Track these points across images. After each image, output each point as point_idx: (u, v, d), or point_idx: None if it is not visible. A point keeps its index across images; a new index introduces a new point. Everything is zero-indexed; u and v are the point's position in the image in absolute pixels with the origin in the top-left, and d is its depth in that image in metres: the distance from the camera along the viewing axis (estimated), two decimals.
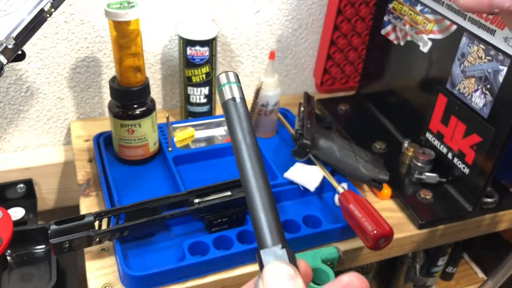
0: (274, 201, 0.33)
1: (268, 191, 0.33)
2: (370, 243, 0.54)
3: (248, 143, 0.35)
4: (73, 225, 0.52)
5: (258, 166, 0.34)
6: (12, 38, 0.50)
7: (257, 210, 0.32)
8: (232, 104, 0.36)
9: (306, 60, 0.92)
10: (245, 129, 0.36)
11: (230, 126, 0.36)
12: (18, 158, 0.78)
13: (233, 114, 0.36)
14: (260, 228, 0.31)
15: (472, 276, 1.01)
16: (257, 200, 0.32)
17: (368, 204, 0.58)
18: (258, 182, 0.33)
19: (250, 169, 0.34)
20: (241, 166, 0.34)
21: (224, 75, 0.38)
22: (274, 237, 0.31)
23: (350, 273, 0.29)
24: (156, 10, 0.76)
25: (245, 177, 0.33)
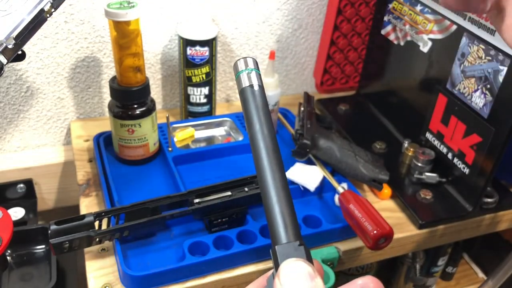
0: (290, 196, 0.31)
1: (285, 185, 0.31)
2: (370, 243, 0.54)
3: (265, 134, 0.33)
4: (73, 225, 0.52)
5: (275, 159, 0.32)
6: (12, 38, 0.50)
7: (272, 203, 0.30)
8: (250, 91, 0.35)
9: (306, 60, 0.92)
10: (262, 119, 0.34)
11: (247, 115, 0.34)
12: (18, 158, 0.78)
13: (250, 103, 0.35)
14: (275, 222, 0.29)
15: (472, 276, 1.01)
16: (272, 194, 0.31)
17: (368, 204, 0.58)
18: (275, 175, 0.31)
19: (266, 162, 0.32)
20: (257, 158, 0.33)
21: (243, 61, 0.36)
22: (290, 232, 0.29)
23: (366, 276, 0.28)
24: (156, 10, 0.76)
25: (261, 170, 0.32)
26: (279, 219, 0.30)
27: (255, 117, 0.34)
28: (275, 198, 0.30)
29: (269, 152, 0.32)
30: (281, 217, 0.30)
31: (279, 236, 0.29)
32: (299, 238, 0.29)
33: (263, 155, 0.32)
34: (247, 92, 0.35)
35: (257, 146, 0.33)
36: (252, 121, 0.34)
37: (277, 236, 0.29)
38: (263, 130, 0.33)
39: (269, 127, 0.34)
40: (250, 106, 0.34)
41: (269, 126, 0.34)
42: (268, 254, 0.56)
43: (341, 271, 0.85)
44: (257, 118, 0.34)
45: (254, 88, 0.35)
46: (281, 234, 0.29)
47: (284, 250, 0.28)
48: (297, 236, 0.29)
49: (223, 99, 0.90)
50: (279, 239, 0.29)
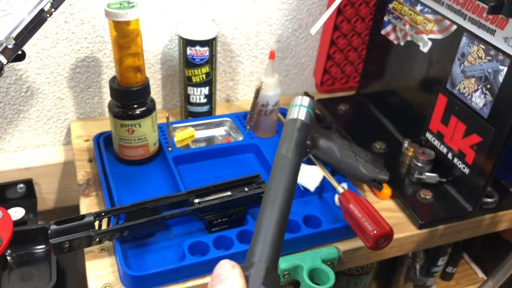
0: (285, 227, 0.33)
1: (286, 218, 0.33)
2: (370, 243, 0.54)
3: (289, 159, 0.36)
4: (73, 225, 0.52)
5: (289, 188, 0.35)
6: (12, 38, 0.50)
7: (262, 224, 0.32)
8: (291, 122, 0.39)
9: (306, 60, 0.92)
10: (291, 147, 0.37)
11: (281, 140, 0.38)
12: (18, 158, 0.78)
13: (287, 130, 0.39)
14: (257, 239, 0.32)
15: (472, 276, 1.01)
16: (269, 217, 0.33)
17: (368, 204, 0.58)
18: (282, 203, 0.34)
19: (280, 184, 0.35)
20: (272, 179, 0.35)
21: (300, 98, 0.41)
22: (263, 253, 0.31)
23: None
24: (156, 10, 0.76)
25: (271, 190, 0.34)
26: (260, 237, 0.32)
27: (286, 142, 0.37)
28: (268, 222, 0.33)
29: (287, 178, 0.35)
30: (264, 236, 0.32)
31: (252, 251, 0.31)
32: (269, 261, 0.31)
33: (280, 179, 0.35)
34: (289, 122, 0.39)
35: (276, 169, 0.36)
36: (281, 145, 0.37)
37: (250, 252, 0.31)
38: (287, 155, 0.36)
39: (294, 156, 0.36)
40: (285, 133, 0.38)
41: (295, 155, 0.37)
42: None
43: (341, 271, 0.85)
44: (287, 144, 0.37)
45: (297, 121, 0.39)
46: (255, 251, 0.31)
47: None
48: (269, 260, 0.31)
49: (223, 99, 0.90)
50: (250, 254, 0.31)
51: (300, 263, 0.54)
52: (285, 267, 0.54)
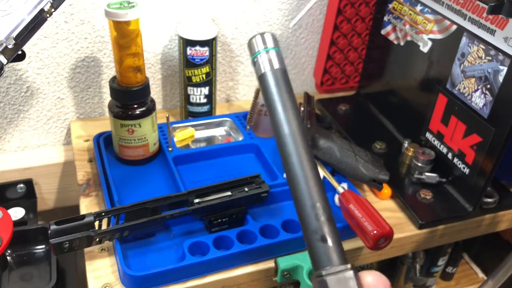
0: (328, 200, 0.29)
1: (323, 191, 0.29)
2: (370, 243, 0.54)
3: (293, 129, 0.30)
4: (73, 225, 0.52)
5: (312, 168, 0.30)
6: (12, 38, 0.50)
7: (308, 212, 0.29)
8: (272, 76, 0.31)
9: (306, 60, 0.92)
10: (291, 117, 0.30)
11: (270, 107, 0.30)
12: (18, 158, 0.78)
13: (271, 88, 0.30)
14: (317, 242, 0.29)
15: (472, 276, 1.01)
16: (309, 205, 0.29)
17: (368, 204, 0.58)
18: (311, 181, 0.29)
19: (303, 173, 0.29)
20: (293, 167, 0.30)
21: (260, 38, 0.32)
22: (338, 254, 0.29)
23: (373, 272, 0.29)
24: (156, 10, 0.76)
25: (297, 178, 0.29)
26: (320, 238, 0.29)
27: (282, 115, 0.30)
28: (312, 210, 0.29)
29: (301, 150, 0.29)
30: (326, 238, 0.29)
31: (324, 258, 0.28)
32: (345, 259, 0.28)
33: (300, 165, 0.29)
34: (267, 77, 0.31)
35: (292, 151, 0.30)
36: (278, 118, 0.30)
37: (322, 258, 0.28)
38: (293, 130, 0.30)
39: (299, 123, 0.30)
40: (272, 94, 0.30)
41: (299, 121, 0.30)
42: (268, 254, 0.56)
43: None
44: (284, 114, 0.30)
45: (276, 72, 0.31)
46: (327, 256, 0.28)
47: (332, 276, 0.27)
48: (344, 257, 0.29)
49: (223, 99, 0.90)
50: (322, 262, 0.28)
51: (300, 263, 0.54)
52: (285, 267, 0.54)
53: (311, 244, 0.29)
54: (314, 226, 0.29)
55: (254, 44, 0.32)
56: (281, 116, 0.30)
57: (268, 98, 0.31)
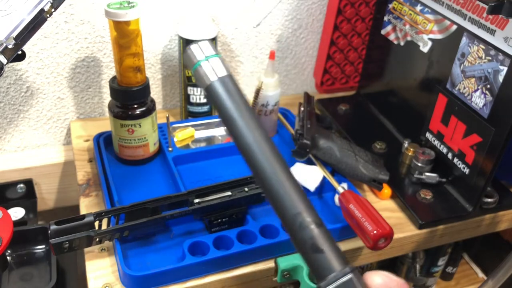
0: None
1: (302, 193, 0.28)
2: (370, 243, 0.54)
3: (259, 139, 0.28)
4: (73, 225, 0.52)
5: (280, 164, 0.28)
6: (12, 38, 0.50)
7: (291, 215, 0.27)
8: (220, 85, 0.28)
9: (306, 60, 0.92)
10: (248, 120, 0.28)
11: (224, 116, 0.28)
12: (18, 158, 0.78)
13: (221, 98, 0.28)
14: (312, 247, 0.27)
15: (472, 276, 1.01)
16: (292, 206, 0.27)
17: (368, 204, 0.58)
18: (289, 189, 0.28)
19: (272, 172, 0.27)
20: (258, 168, 0.28)
21: (197, 47, 0.29)
22: (338, 259, 0.27)
23: (385, 274, 0.27)
24: (156, 10, 0.76)
25: (267, 176, 0.27)
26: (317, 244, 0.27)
27: (241, 124, 0.28)
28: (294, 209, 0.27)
29: (270, 156, 0.28)
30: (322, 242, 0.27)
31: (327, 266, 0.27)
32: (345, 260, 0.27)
33: (266, 164, 0.28)
34: (216, 87, 0.28)
35: (256, 154, 0.28)
36: (238, 127, 0.28)
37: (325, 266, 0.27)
38: (256, 137, 0.28)
39: (260, 128, 0.28)
40: (226, 104, 0.28)
41: (260, 126, 0.28)
42: (268, 254, 0.56)
43: None
44: (243, 122, 0.28)
45: (224, 80, 0.28)
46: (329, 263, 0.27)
47: None
48: (343, 259, 0.27)
49: None
50: (326, 270, 0.26)
51: (300, 263, 0.54)
52: (285, 267, 0.54)
53: (304, 257, 0.28)
54: (301, 237, 0.27)
55: (191, 56, 0.29)
56: (240, 124, 0.28)
57: (221, 109, 0.28)
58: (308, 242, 0.27)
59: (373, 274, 0.28)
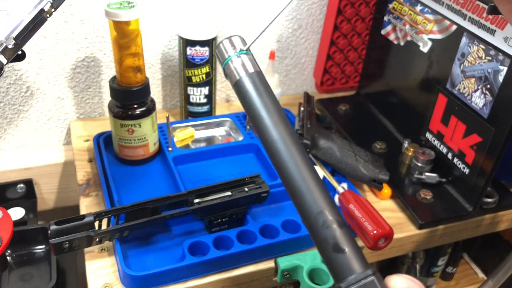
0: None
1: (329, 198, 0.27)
2: (370, 243, 0.54)
3: (287, 139, 0.28)
4: (73, 225, 0.52)
5: (306, 164, 0.27)
6: (12, 38, 0.50)
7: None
8: (250, 81, 0.28)
9: (306, 60, 0.92)
10: (276, 119, 0.27)
11: (253, 113, 0.28)
12: (18, 158, 0.78)
13: (250, 94, 0.28)
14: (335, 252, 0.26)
15: (472, 276, 1.01)
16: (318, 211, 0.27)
17: (368, 204, 0.58)
18: (313, 186, 0.27)
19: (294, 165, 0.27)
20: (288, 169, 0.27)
21: (228, 42, 0.29)
22: (359, 261, 0.26)
23: (408, 278, 0.26)
24: (156, 10, 0.76)
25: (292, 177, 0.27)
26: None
27: (268, 121, 0.27)
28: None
29: (295, 154, 0.27)
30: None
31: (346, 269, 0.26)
32: (367, 264, 0.26)
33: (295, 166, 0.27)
34: (245, 83, 0.28)
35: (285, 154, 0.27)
36: (265, 124, 0.27)
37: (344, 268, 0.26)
38: (282, 134, 0.28)
39: (287, 125, 0.28)
40: (254, 99, 0.28)
41: (287, 123, 0.28)
42: (268, 254, 0.56)
43: None
44: (270, 119, 0.27)
45: (253, 76, 0.28)
46: (349, 265, 0.26)
47: None
48: (365, 262, 0.26)
49: (223, 99, 0.90)
50: (345, 272, 0.26)
51: (300, 263, 0.54)
52: (285, 267, 0.54)
53: (325, 256, 0.27)
54: (324, 236, 0.27)
55: (223, 50, 0.29)
56: (267, 121, 0.28)
57: (248, 105, 0.28)
58: (330, 242, 0.27)
59: (395, 278, 0.27)
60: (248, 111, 0.28)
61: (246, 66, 0.29)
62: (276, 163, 0.28)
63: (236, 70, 0.29)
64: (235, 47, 0.29)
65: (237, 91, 0.29)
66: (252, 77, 0.28)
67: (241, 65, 0.29)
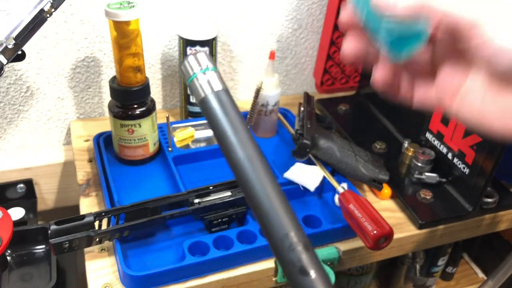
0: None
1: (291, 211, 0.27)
2: (370, 243, 0.54)
3: (253, 158, 0.28)
4: (73, 225, 0.52)
5: (271, 181, 0.27)
6: (12, 38, 0.50)
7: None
8: (215, 99, 0.28)
9: (306, 60, 0.92)
10: (244, 138, 0.28)
11: (219, 132, 0.28)
12: (18, 158, 0.78)
13: (215, 112, 0.28)
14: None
15: (472, 276, 1.01)
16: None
17: (368, 204, 0.58)
18: (279, 207, 0.27)
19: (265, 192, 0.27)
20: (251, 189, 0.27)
21: (194, 59, 0.29)
22: None
23: None
24: (156, 10, 0.76)
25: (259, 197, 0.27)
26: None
27: (234, 139, 0.28)
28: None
29: (262, 175, 0.27)
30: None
31: None
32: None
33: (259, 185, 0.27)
34: (210, 101, 0.28)
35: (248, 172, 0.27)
36: (231, 144, 0.27)
37: None
38: (248, 154, 0.28)
39: (253, 145, 0.28)
40: (219, 118, 0.28)
41: (253, 142, 0.28)
42: (268, 254, 0.56)
43: (341, 271, 0.85)
44: (236, 138, 0.28)
45: (219, 94, 0.28)
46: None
47: None
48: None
49: None
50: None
51: None
52: None
53: (290, 279, 0.27)
54: (290, 258, 0.27)
55: (188, 67, 0.29)
56: (233, 140, 0.28)
57: (214, 123, 0.28)
58: (296, 265, 0.27)
59: None
60: (214, 130, 0.28)
61: (212, 84, 0.28)
62: (241, 183, 0.28)
63: (202, 87, 0.28)
64: (201, 64, 0.29)
65: (203, 109, 0.29)
66: (219, 95, 0.28)
67: (207, 82, 0.28)
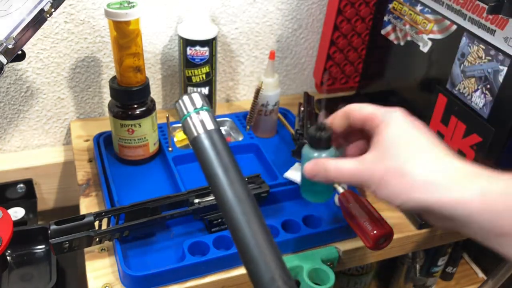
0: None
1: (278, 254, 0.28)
2: (370, 243, 0.54)
3: (243, 198, 0.28)
4: (73, 225, 0.52)
5: (259, 223, 0.28)
6: (12, 38, 0.50)
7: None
8: (207, 139, 0.28)
9: (306, 60, 0.92)
10: (235, 180, 0.28)
11: (210, 173, 0.28)
12: (18, 158, 0.78)
13: (207, 151, 0.28)
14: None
15: (472, 276, 1.01)
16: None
17: (368, 204, 0.58)
18: (266, 250, 0.27)
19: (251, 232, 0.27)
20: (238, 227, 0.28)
21: (188, 99, 0.30)
22: None
23: None
24: (156, 10, 0.76)
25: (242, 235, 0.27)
26: None
27: (224, 179, 0.28)
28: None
29: (251, 218, 0.28)
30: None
31: None
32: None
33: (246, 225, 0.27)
34: (202, 140, 0.29)
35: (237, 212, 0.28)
36: (220, 183, 0.28)
37: None
38: (238, 194, 0.28)
39: (243, 185, 0.28)
40: (210, 158, 0.28)
41: (243, 183, 0.28)
42: None
43: (341, 271, 0.85)
44: (226, 179, 0.28)
45: (211, 134, 0.28)
46: None
47: None
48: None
49: (223, 99, 0.90)
50: None
51: (300, 263, 0.54)
52: None
53: None
54: None
55: (182, 106, 0.30)
56: (223, 180, 0.28)
57: (205, 163, 0.29)
58: None
59: None
60: (205, 169, 0.29)
61: (204, 123, 0.29)
62: (230, 223, 0.28)
63: (195, 126, 0.29)
64: (195, 104, 0.29)
65: (195, 148, 0.29)
66: (211, 134, 0.28)
67: (199, 121, 0.29)
